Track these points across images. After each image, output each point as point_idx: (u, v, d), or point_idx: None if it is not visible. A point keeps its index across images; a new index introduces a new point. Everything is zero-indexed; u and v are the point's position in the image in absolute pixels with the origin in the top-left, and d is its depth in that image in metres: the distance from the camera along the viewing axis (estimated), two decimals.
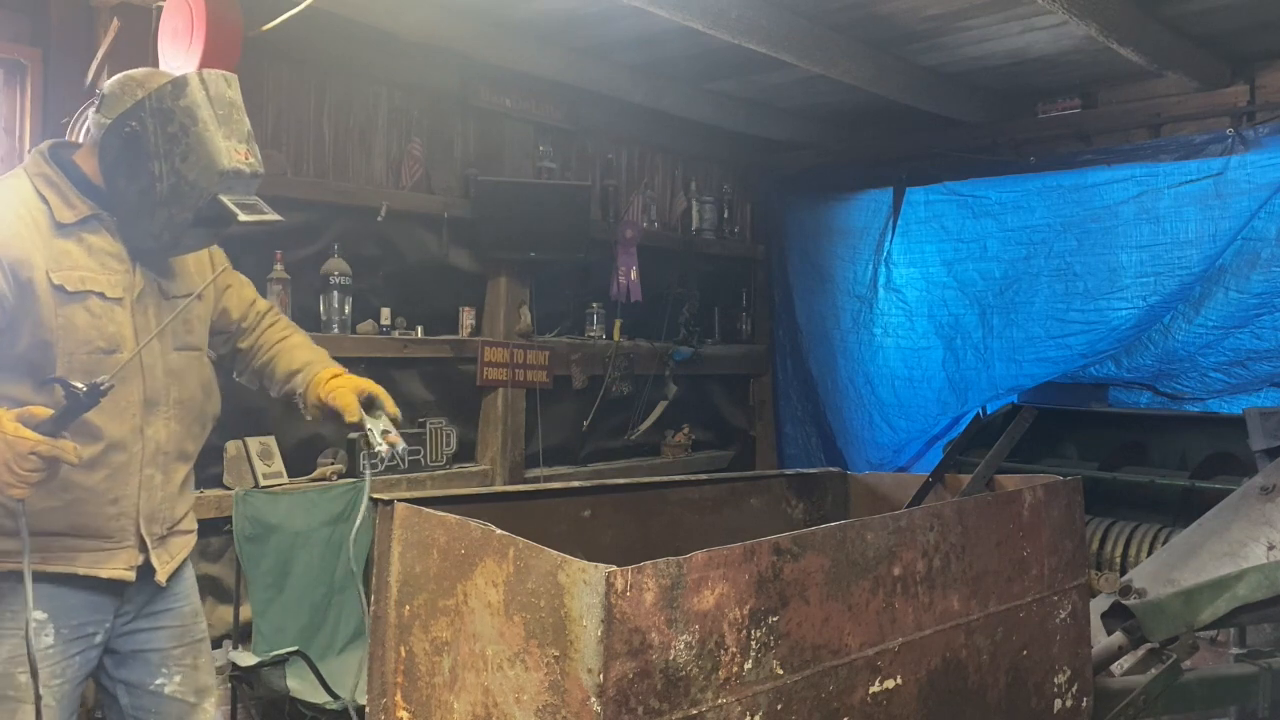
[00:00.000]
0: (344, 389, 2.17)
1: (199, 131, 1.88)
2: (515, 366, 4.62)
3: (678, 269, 5.53)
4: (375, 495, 1.79)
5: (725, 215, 5.88)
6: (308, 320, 4.00)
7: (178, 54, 3.05)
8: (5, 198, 1.91)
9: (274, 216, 1.98)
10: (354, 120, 4.23)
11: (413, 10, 3.80)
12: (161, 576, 2.06)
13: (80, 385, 1.70)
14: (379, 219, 4.20)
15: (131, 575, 2.01)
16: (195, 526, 2.21)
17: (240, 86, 2.00)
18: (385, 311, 4.25)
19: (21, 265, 1.85)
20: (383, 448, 2.08)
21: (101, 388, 1.71)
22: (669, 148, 5.59)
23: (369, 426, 2.10)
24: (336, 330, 4.02)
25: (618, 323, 5.13)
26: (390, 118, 4.36)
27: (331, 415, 2.17)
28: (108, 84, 2.00)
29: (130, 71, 2.01)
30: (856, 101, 5.06)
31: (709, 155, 5.80)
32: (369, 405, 2.16)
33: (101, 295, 1.94)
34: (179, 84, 1.91)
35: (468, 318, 4.56)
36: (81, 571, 1.95)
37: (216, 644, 3.61)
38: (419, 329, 4.34)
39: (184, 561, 2.16)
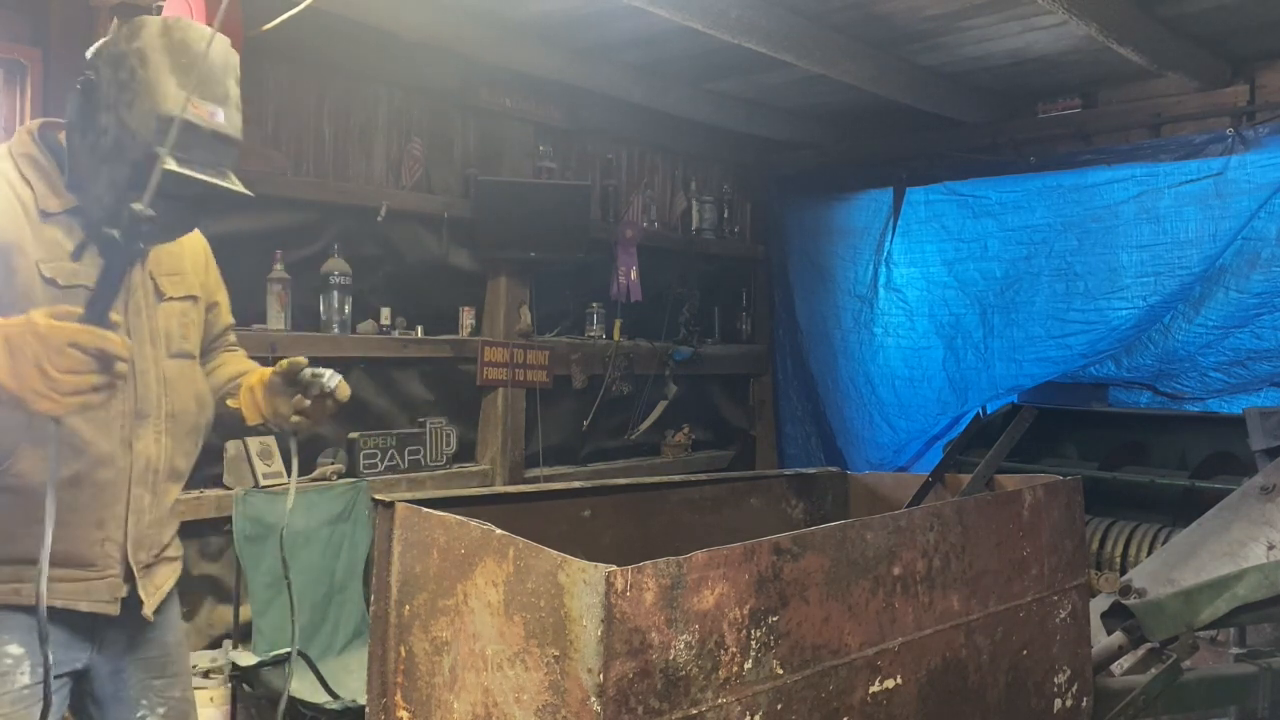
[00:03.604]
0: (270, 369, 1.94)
1: (146, 75, 1.60)
2: (515, 366, 4.62)
3: (678, 269, 5.53)
4: (376, 496, 1.79)
5: (725, 215, 5.88)
6: (308, 320, 4.00)
7: None
8: None
9: (229, 185, 1.66)
10: (354, 120, 4.23)
11: (413, 11, 3.80)
12: (149, 609, 1.83)
13: (114, 231, 1.41)
14: (379, 219, 4.21)
15: (115, 609, 1.78)
16: (181, 553, 1.96)
17: (239, 71, 1.75)
18: (385, 311, 4.25)
19: (11, 251, 1.65)
20: (324, 377, 1.85)
21: (141, 214, 1.41)
22: (669, 148, 5.59)
23: (308, 369, 1.87)
24: (336, 330, 4.02)
25: (618, 323, 5.14)
26: (390, 118, 4.36)
27: (269, 397, 1.92)
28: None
29: None
30: (856, 101, 5.06)
31: (709, 155, 5.80)
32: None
33: (90, 289, 1.69)
34: (135, 24, 1.63)
35: (468, 318, 4.56)
36: (60, 604, 1.69)
37: (216, 644, 3.61)
38: (419, 329, 4.34)
39: (171, 591, 1.94)
